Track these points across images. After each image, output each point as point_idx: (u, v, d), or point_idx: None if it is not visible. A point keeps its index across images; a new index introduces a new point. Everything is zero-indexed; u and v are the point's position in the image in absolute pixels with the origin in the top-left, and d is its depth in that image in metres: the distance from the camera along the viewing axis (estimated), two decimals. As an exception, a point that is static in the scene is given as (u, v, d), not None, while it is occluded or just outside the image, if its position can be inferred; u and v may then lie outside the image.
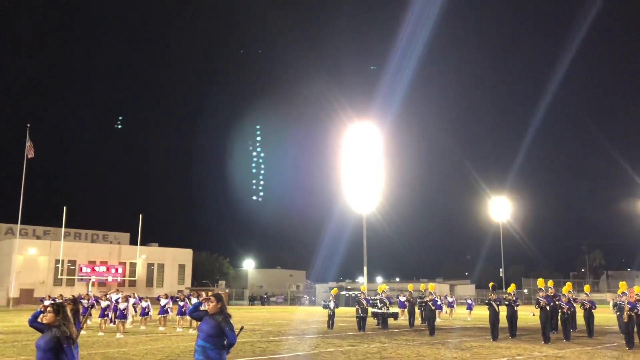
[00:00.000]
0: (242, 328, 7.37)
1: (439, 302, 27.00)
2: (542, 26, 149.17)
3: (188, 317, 22.18)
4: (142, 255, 60.85)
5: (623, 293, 17.10)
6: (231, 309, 6.97)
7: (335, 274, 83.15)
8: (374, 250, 66.39)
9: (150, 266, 62.95)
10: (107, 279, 56.80)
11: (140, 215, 56.22)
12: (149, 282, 62.15)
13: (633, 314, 16.27)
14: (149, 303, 23.93)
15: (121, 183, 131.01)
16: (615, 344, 17.09)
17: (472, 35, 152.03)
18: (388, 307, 24.66)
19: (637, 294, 17.97)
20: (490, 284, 20.98)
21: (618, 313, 16.80)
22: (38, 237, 62.04)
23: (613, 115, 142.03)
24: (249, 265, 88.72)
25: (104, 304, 21.32)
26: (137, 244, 59.52)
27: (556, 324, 19.74)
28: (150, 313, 23.83)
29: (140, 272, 61.01)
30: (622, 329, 16.52)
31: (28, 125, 44.57)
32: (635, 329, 16.53)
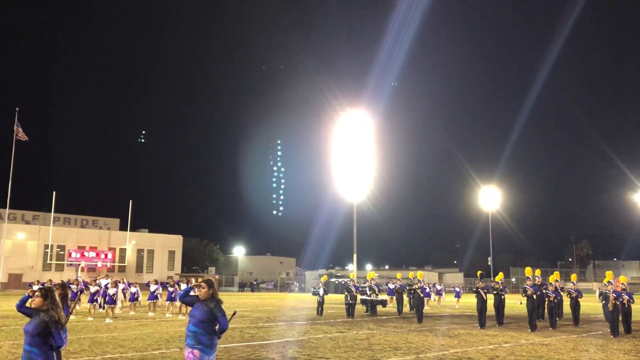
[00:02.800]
0: (234, 313, 7.40)
1: (427, 290, 27.12)
2: (532, 18, 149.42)
3: (177, 303, 22.27)
4: (132, 241, 60.74)
5: (609, 282, 17.29)
6: (221, 295, 6.99)
7: (325, 261, 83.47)
8: (364, 238, 66.68)
9: (140, 252, 62.87)
10: (96, 265, 56.69)
11: (130, 201, 56.11)
12: (139, 268, 62.12)
13: (618, 303, 16.49)
14: (138, 289, 23.94)
15: (111, 168, 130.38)
16: (600, 332, 17.33)
17: (462, 26, 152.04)
18: (377, 295, 24.82)
19: (622, 284, 18.21)
20: (479, 272, 21.17)
21: (604, 302, 17.00)
22: (27, 222, 61.67)
23: (602, 107, 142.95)
24: (239, 252, 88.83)
25: (93, 289, 21.27)
26: (127, 230, 59.39)
27: (543, 312, 19.96)
28: (139, 299, 23.85)
29: (130, 257, 60.94)
30: (608, 317, 16.73)
31: (17, 109, 44.11)
32: (620, 318, 16.76)
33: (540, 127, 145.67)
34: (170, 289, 22.98)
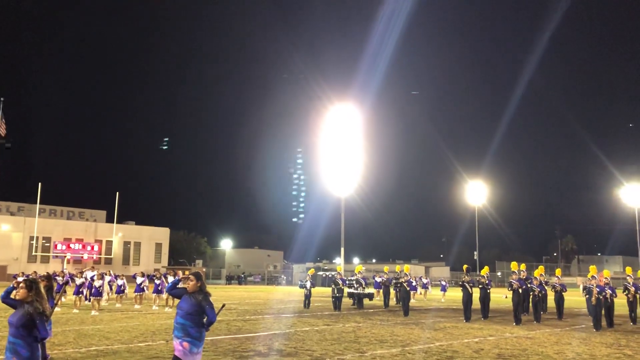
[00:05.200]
0: (223, 306, 7.42)
1: (413, 284, 27.35)
2: (520, 14, 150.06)
3: (164, 296, 22.20)
4: (118, 233, 60.38)
5: (592, 277, 17.51)
6: (208, 288, 7.00)
7: (313, 255, 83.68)
8: (352, 232, 66.88)
9: (126, 244, 62.52)
10: (82, 257, 56.32)
11: (117, 193, 55.75)
12: (126, 260, 61.80)
13: (601, 297, 16.72)
14: (124, 281, 23.84)
15: (98, 160, 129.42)
16: (584, 325, 17.55)
17: (450, 21, 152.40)
18: (364, 288, 24.92)
19: (605, 278, 18.46)
20: (465, 266, 21.33)
21: (587, 296, 17.24)
22: (12, 214, 61.06)
23: (588, 103, 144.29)
24: (226, 245, 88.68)
25: (79, 281, 21.16)
26: (113, 222, 59.01)
27: (527, 306, 20.18)
28: (126, 291, 23.75)
29: (117, 250, 60.60)
30: (591, 311, 16.97)
31: (1, 98, 43.49)
32: (603, 312, 17.00)
33: (527, 123, 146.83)
34: (157, 282, 22.91)
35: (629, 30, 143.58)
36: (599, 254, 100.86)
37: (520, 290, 18.31)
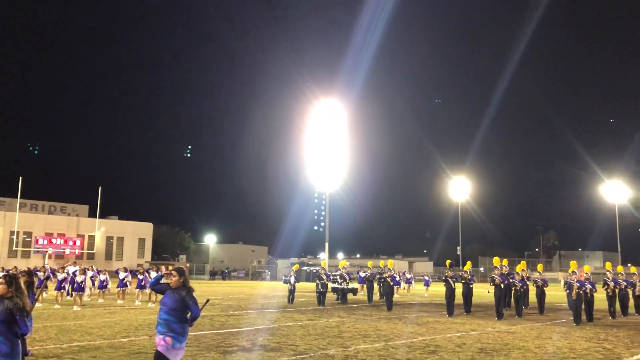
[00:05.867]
0: (207, 301, 7.41)
1: (397, 279, 27.49)
2: (502, 10, 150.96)
3: (147, 291, 22.09)
4: (101, 228, 59.86)
5: (573, 272, 17.76)
6: (192, 284, 6.99)
7: (297, 250, 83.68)
8: (336, 228, 66.86)
9: (109, 239, 62.01)
10: (64, 252, 55.73)
11: (100, 187, 55.24)
12: (108, 256, 61.30)
13: (581, 292, 16.96)
14: (107, 276, 23.66)
15: (80, 153, 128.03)
16: (564, 320, 17.80)
17: (434, 17, 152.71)
18: (348, 283, 25.01)
19: (586, 273, 18.75)
20: (448, 261, 21.48)
21: (568, 291, 17.47)
22: (-8, 208, 60.20)
23: (570, 100, 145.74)
24: (210, 240, 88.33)
25: (60, 276, 20.96)
26: (96, 217, 58.49)
27: (509, 301, 20.40)
28: (108, 286, 23.58)
29: (99, 245, 60.09)
30: (571, 306, 17.20)
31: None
32: (583, 307, 17.25)
33: (509, 120, 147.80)
34: (140, 277, 22.75)
35: (610, 26, 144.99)
36: (580, 250, 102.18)
37: (502, 285, 18.50)
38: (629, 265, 27.72)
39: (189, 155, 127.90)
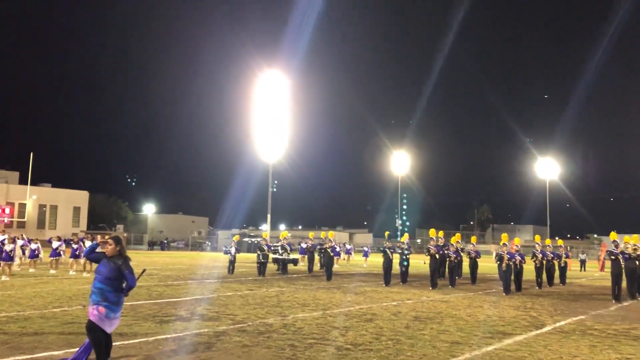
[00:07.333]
0: (143, 271, 7.29)
1: (337, 249, 27.88)
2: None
3: (82, 260, 21.47)
4: (32, 196, 57.52)
5: (504, 244, 18.52)
6: (129, 254, 6.84)
7: (240, 221, 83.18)
8: (279, 199, 66.95)
9: (42, 207, 59.76)
10: (-8, 220, 53.32)
11: (32, 153, 52.87)
12: (41, 224, 59.16)
13: (511, 263, 17.75)
14: (39, 245, 22.80)
15: (10, 117, 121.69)
16: (495, 290, 18.61)
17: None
18: (289, 254, 25.16)
19: (516, 246, 19.61)
20: (386, 233, 21.92)
21: (499, 262, 18.23)
22: None
23: (505, 78, 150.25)
24: (149, 210, 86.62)
25: (-12, 245, 20.03)
26: (27, 184, 56.06)
27: (444, 271, 21.12)
28: (40, 256, 22.76)
29: (31, 213, 57.81)
30: (501, 276, 17.97)
31: None
32: (513, 277, 18.08)
33: (447, 96, 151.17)
34: (75, 246, 22.07)
35: (544, 5, 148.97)
36: (512, 223, 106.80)
37: (437, 256, 19.10)
38: (557, 238, 29.17)
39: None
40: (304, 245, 29.75)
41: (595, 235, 78.46)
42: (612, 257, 16.63)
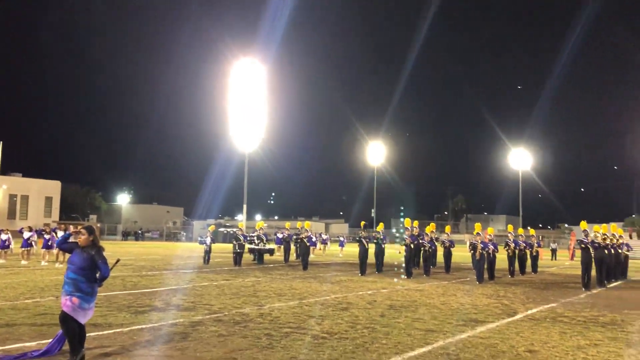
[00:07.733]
0: (117, 261, 7.20)
1: (313, 239, 27.96)
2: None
3: (54, 251, 21.17)
4: (2, 186, 56.38)
5: (478, 234, 18.80)
6: (102, 244, 6.76)
7: (216, 212, 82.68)
8: (255, 189, 66.80)
9: (12, 197, 58.62)
10: (-40, 210, 52.15)
11: (0, 142, 51.72)
12: (11, 214, 58.05)
13: (484, 252, 18.03)
14: (9, 236, 22.37)
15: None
16: (468, 279, 18.89)
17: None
18: (265, 244, 25.15)
19: (489, 235, 19.93)
20: (362, 223, 22.04)
21: (472, 251, 18.52)
22: None
23: (480, 68, 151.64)
24: (123, 200, 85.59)
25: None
26: (-4, 174, 54.94)
27: (418, 260, 21.35)
28: (11, 246, 22.34)
29: (1, 203, 56.72)
30: (475, 265, 18.26)
31: None
32: (486, 266, 18.37)
33: (422, 86, 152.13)
34: (47, 237, 21.73)
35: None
36: (485, 214, 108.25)
37: (412, 246, 19.30)
38: (529, 228, 29.70)
39: None
40: (280, 236, 29.77)
41: (566, 225, 79.95)
42: (582, 246, 16.99)
